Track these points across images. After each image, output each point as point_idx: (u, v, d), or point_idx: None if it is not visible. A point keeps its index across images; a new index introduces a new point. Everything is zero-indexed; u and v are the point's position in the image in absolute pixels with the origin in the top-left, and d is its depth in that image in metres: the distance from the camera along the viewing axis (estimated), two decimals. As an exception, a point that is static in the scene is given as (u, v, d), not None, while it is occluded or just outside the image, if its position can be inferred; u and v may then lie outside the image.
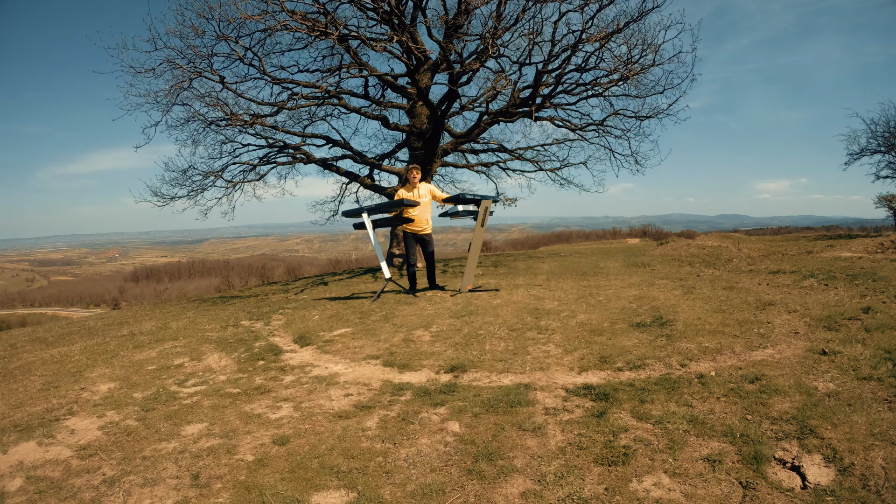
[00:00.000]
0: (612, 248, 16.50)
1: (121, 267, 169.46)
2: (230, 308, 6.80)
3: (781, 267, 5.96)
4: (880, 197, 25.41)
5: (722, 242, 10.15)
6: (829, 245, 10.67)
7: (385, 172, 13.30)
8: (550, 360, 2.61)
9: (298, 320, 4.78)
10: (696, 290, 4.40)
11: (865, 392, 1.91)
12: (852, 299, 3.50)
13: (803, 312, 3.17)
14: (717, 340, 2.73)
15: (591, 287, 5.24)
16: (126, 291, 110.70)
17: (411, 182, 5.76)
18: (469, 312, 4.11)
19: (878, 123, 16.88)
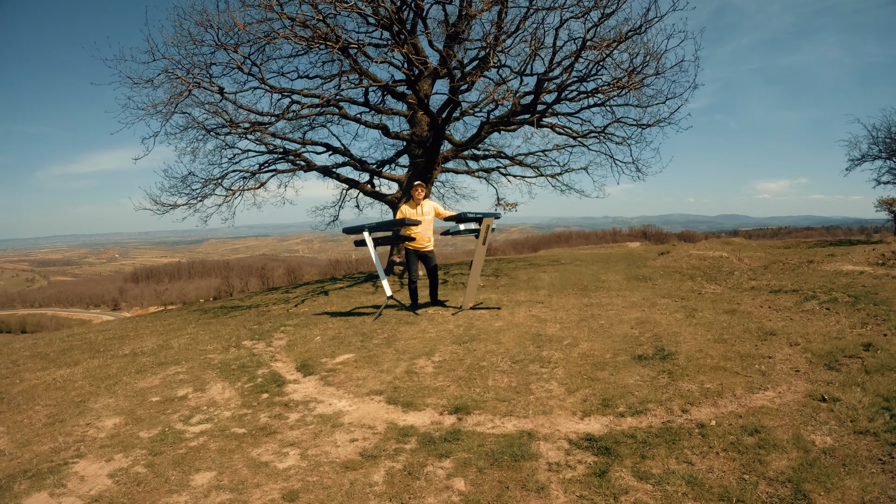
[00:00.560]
0: (613, 253, 16.51)
1: (121, 267, 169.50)
2: (231, 322, 6.81)
3: (783, 284, 5.97)
4: (881, 200, 25.43)
5: (723, 252, 10.16)
6: (830, 254, 10.66)
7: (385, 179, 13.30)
8: (553, 403, 2.63)
9: (300, 342, 4.79)
10: (697, 314, 4.42)
11: (861, 449, 1.92)
12: (853, 329, 3.51)
13: (805, 346, 3.18)
14: (718, 380, 2.74)
15: (592, 307, 5.25)
16: (126, 292, 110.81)
17: (415, 199, 5.78)
18: (471, 338, 4.13)
19: (880, 129, 16.90)
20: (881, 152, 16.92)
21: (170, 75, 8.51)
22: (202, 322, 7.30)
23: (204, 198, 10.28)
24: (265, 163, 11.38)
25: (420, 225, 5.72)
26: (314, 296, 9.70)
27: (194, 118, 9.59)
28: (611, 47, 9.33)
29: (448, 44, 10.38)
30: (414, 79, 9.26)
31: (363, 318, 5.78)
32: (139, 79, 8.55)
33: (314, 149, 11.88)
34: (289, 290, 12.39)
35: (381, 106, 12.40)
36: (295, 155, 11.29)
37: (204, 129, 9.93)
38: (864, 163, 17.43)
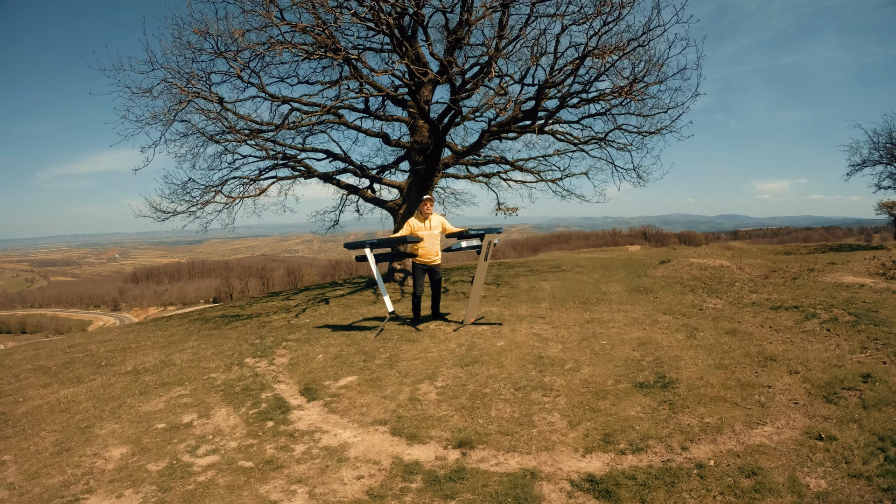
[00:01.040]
0: (614, 258, 16.53)
1: (121, 267, 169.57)
2: (233, 335, 6.83)
3: (783, 298, 6.00)
4: (881, 203, 25.52)
5: (724, 261, 10.19)
6: (831, 262, 10.70)
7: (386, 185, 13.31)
8: (555, 438, 2.65)
9: (302, 360, 4.82)
10: (698, 334, 4.45)
11: (853, 494, 1.95)
12: (853, 355, 3.54)
13: (804, 374, 3.21)
14: (718, 413, 2.77)
15: (594, 323, 5.28)
16: (126, 292, 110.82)
17: (424, 213, 5.81)
18: (473, 360, 4.16)
19: (881, 134, 16.96)
20: (882, 157, 16.97)
21: (169, 85, 8.52)
22: (203, 334, 7.33)
23: (204, 204, 10.29)
24: (266, 168, 11.37)
25: (422, 241, 5.76)
26: (315, 304, 9.73)
27: (194, 125, 9.59)
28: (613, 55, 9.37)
29: (448, 51, 10.41)
30: (415, 88, 9.28)
31: (365, 332, 5.80)
32: (138, 88, 8.56)
33: (315, 155, 11.90)
34: (289, 296, 12.42)
35: (381, 113, 12.43)
36: (295, 161, 11.29)
37: (204, 135, 9.95)
38: (865, 168, 17.50)
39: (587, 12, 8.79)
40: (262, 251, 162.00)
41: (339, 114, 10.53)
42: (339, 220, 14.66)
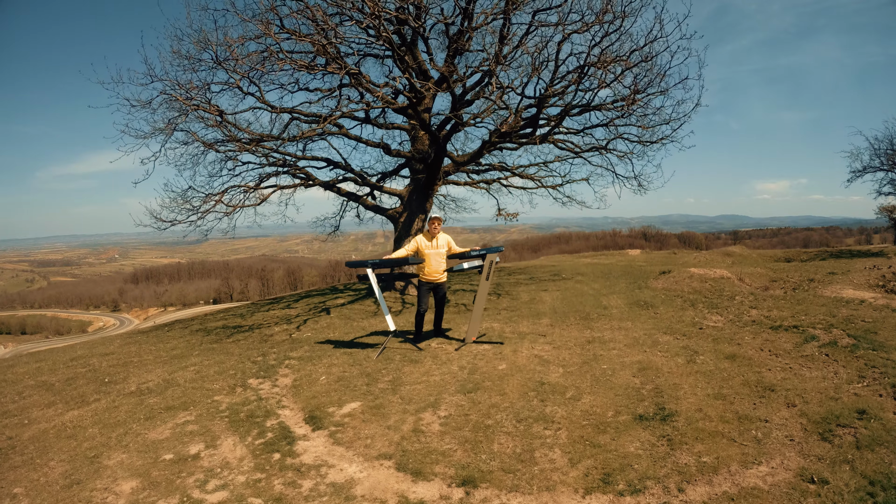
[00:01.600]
0: (614, 265, 16.57)
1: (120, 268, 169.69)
2: (235, 350, 6.86)
3: (783, 316, 6.04)
4: (881, 207, 25.61)
5: (724, 271, 10.22)
6: (831, 272, 10.73)
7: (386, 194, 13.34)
8: (556, 477, 2.70)
9: (305, 382, 4.86)
10: (698, 359, 4.49)
11: None
12: (850, 385, 3.58)
13: (801, 408, 3.25)
14: (715, 451, 2.81)
15: (594, 343, 5.32)
16: (126, 293, 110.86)
17: (432, 232, 5.86)
18: (475, 386, 4.20)
19: (882, 140, 17.04)
20: (883, 164, 17.03)
21: (168, 97, 8.56)
22: (206, 348, 7.36)
23: (205, 214, 10.29)
24: (266, 175, 11.38)
25: (428, 260, 5.81)
26: (316, 315, 9.76)
27: (193, 133, 9.59)
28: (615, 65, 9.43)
29: (449, 58, 10.46)
30: (416, 101, 9.32)
31: (367, 351, 5.84)
32: (137, 101, 8.59)
33: (315, 163, 11.94)
34: (290, 303, 12.45)
35: (381, 121, 12.46)
36: (296, 168, 11.30)
37: (204, 144, 9.98)
38: (866, 174, 17.56)
39: (588, 20, 8.85)
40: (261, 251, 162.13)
41: (339, 124, 10.57)
42: (339, 225, 14.73)
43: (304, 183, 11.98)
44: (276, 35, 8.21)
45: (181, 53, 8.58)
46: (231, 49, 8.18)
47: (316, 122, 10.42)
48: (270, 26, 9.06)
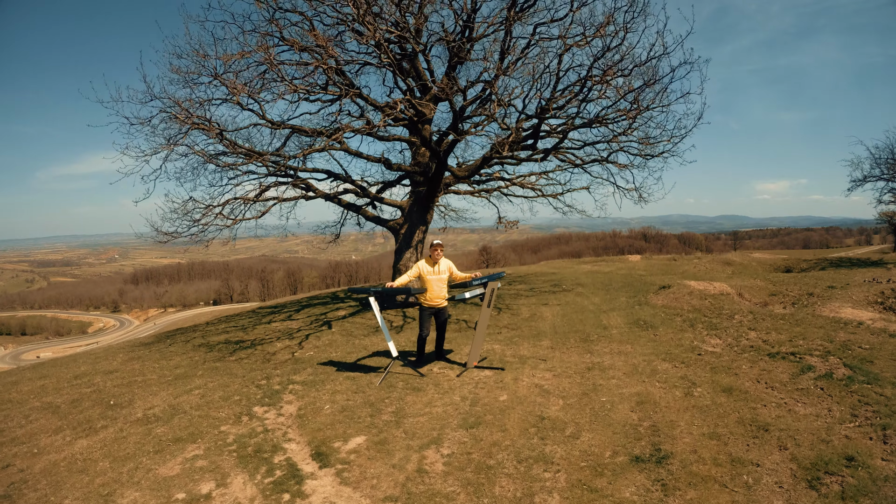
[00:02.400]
0: (614, 273, 16.62)
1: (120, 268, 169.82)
2: (238, 371, 6.93)
3: (780, 340, 6.11)
4: (881, 213, 25.71)
5: (724, 284, 10.30)
6: (830, 286, 10.78)
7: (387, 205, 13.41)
8: (559, 529, 2.77)
9: (310, 411, 4.93)
10: (696, 391, 4.56)
11: None
12: (842, 425, 3.65)
13: (793, 451, 3.33)
14: (706, 500, 2.89)
15: (594, 371, 5.40)
16: (126, 294, 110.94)
17: (434, 258, 5.93)
18: (477, 420, 4.27)
19: (882, 149, 17.15)
20: (883, 173, 17.12)
21: (167, 115, 8.63)
22: (209, 367, 7.41)
23: (206, 226, 10.32)
24: (267, 186, 11.39)
25: (436, 283, 5.88)
26: (317, 328, 9.83)
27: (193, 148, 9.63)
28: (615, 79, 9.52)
29: (450, 69, 10.54)
30: (417, 120, 9.39)
31: (370, 376, 5.91)
32: (136, 118, 8.65)
33: (316, 175, 12.01)
34: (291, 314, 12.52)
35: (381, 132, 12.54)
36: (297, 179, 11.34)
37: (205, 158, 10.03)
38: (867, 183, 17.64)
39: (589, 34, 8.93)
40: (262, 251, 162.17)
41: (341, 140, 10.64)
42: (339, 233, 14.82)
43: (304, 195, 12.05)
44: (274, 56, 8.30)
45: (180, 69, 8.67)
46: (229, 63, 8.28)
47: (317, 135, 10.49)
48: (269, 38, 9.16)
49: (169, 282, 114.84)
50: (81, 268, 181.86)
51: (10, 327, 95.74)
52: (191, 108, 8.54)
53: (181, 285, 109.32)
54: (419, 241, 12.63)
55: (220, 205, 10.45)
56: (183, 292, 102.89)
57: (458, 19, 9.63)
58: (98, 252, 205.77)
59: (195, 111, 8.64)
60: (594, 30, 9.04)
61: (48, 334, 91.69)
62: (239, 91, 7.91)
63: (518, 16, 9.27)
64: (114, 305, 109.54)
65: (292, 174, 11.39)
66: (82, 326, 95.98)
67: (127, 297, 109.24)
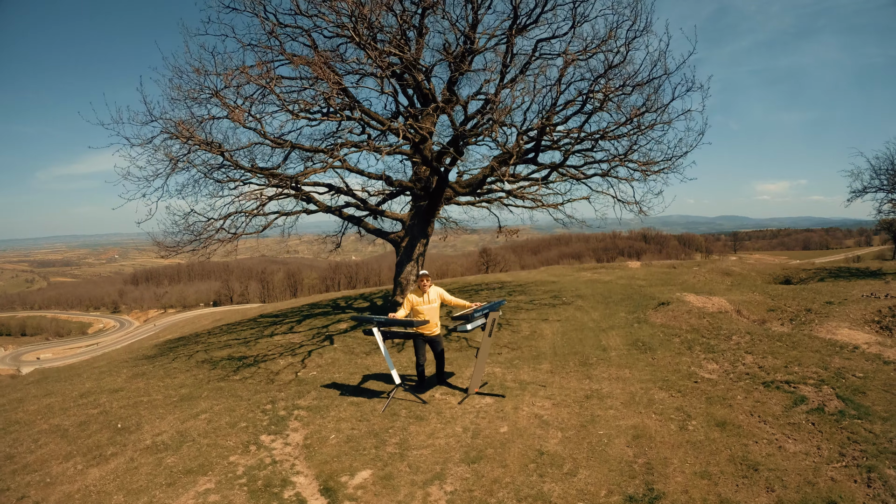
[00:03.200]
0: (613, 283, 16.72)
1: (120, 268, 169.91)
2: (243, 392, 7.04)
3: (776, 366, 6.23)
4: (881, 221, 25.88)
5: (723, 301, 10.43)
6: (828, 301, 10.90)
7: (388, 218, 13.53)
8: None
9: (316, 441, 5.05)
10: (690, 425, 4.69)
11: None
12: (829, 465, 3.79)
13: (779, 493, 3.47)
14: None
15: (592, 400, 5.53)
16: (126, 294, 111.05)
17: (422, 288, 6.05)
18: (478, 455, 4.40)
19: (882, 160, 17.31)
20: (883, 184, 17.26)
21: (169, 135, 8.75)
22: (213, 387, 7.51)
23: (207, 239, 10.40)
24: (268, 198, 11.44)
25: (428, 311, 6.01)
26: (319, 343, 9.94)
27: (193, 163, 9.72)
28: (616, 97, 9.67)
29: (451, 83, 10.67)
30: (419, 141, 9.52)
31: (373, 402, 6.03)
32: (138, 139, 8.77)
33: (316, 189, 12.12)
34: (293, 326, 12.63)
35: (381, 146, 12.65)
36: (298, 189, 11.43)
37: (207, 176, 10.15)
38: (866, 194, 17.78)
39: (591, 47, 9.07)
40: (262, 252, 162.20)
41: (343, 159, 10.76)
42: (340, 243, 14.96)
43: (305, 210, 12.18)
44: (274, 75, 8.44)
45: (181, 87, 8.81)
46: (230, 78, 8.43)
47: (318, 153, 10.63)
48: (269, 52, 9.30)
49: (169, 282, 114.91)
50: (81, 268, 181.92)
51: (10, 328, 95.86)
52: (192, 126, 8.67)
53: (181, 286, 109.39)
54: (420, 255, 12.74)
55: (221, 218, 10.54)
56: (183, 293, 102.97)
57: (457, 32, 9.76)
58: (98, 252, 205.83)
59: (196, 128, 8.78)
60: (596, 43, 9.18)
61: (48, 335, 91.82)
62: (237, 116, 8.05)
63: (520, 31, 9.41)
64: (114, 306, 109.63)
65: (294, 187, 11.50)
66: (82, 327, 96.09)
67: (127, 298, 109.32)
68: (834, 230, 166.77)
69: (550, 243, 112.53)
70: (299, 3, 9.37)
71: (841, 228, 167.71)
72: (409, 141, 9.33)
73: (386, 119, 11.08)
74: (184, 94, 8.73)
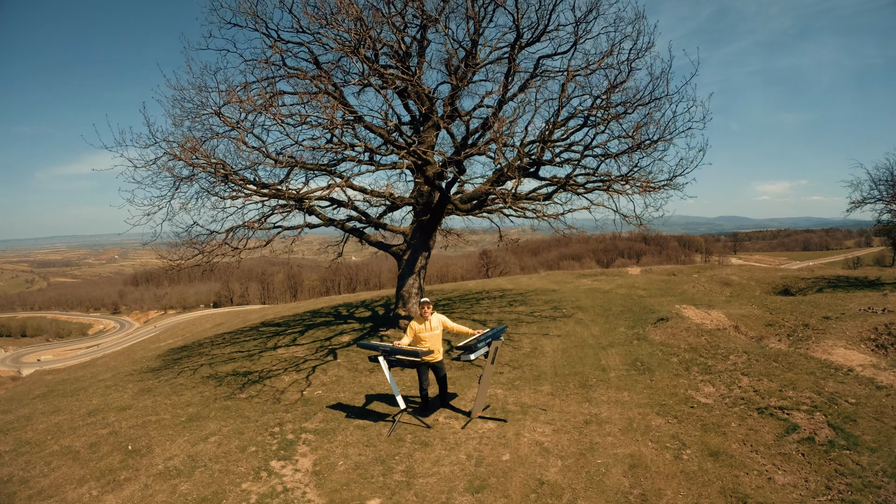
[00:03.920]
0: (613, 293, 16.86)
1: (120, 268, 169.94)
2: (251, 412, 7.19)
3: (771, 390, 6.39)
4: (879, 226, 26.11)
5: (721, 317, 10.62)
6: (825, 316, 11.08)
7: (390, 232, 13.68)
8: None
9: (325, 468, 5.22)
10: (684, 454, 4.87)
11: None
12: (815, 499, 3.96)
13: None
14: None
15: (591, 426, 5.69)
16: (126, 295, 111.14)
17: (424, 316, 6.21)
18: (482, 484, 4.57)
19: (881, 170, 17.56)
20: (883, 195, 17.49)
21: (171, 156, 8.92)
22: (220, 406, 7.64)
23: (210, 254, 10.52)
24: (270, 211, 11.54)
25: (430, 338, 6.18)
26: (323, 359, 10.08)
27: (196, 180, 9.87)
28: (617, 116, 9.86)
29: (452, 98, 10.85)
30: (422, 163, 9.69)
31: (378, 426, 6.19)
32: (141, 161, 8.95)
33: (318, 203, 12.27)
34: (295, 337, 12.78)
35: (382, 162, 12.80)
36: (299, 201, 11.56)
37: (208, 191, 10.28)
38: (866, 205, 18.00)
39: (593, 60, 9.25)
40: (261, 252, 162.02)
41: (345, 177, 10.91)
42: (342, 251, 15.12)
43: (308, 224, 12.32)
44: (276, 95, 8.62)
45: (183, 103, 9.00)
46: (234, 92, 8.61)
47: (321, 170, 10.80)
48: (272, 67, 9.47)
49: (169, 283, 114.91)
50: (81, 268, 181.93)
51: (11, 329, 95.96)
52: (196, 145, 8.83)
53: (181, 287, 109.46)
54: (422, 267, 12.91)
55: (223, 231, 10.66)
56: (183, 294, 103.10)
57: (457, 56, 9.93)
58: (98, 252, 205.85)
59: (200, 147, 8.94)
60: (598, 57, 9.34)
61: (48, 336, 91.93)
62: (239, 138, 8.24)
63: (522, 48, 9.59)
64: (114, 307, 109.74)
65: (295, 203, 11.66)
66: (82, 328, 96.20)
67: (127, 299, 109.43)
68: (834, 231, 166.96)
69: (550, 244, 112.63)
70: (301, 21, 9.54)
71: (841, 229, 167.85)
72: (412, 164, 9.49)
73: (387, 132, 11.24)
74: (186, 113, 8.92)
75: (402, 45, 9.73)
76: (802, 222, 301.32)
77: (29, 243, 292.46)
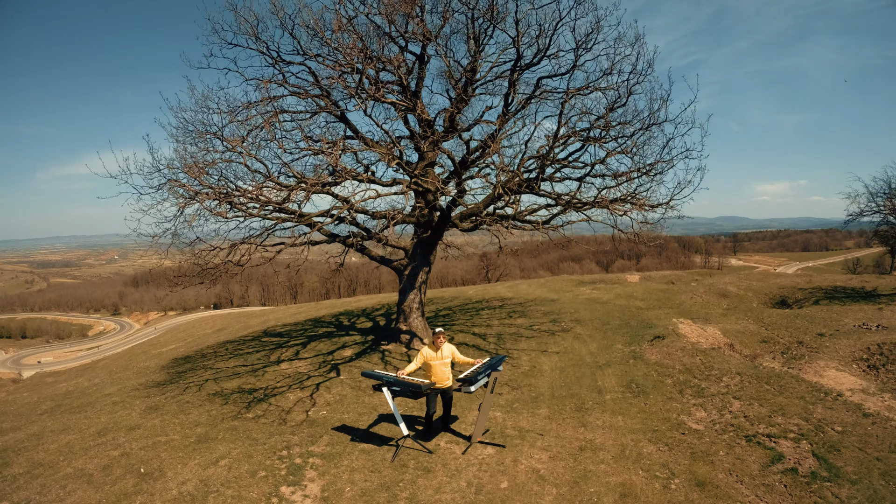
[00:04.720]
0: (612, 304, 17.08)
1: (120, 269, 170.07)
2: (259, 434, 7.41)
3: (760, 416, 6.64)
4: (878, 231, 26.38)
5: (717, 335, 10.86)
6: (820, 333, 11.29)
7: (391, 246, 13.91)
8: None
9: (333, 494, 5.46)
10: (672, 484, 5.12)
11: None
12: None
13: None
14: None
15: (586, 453, 5.94)
16: (126, 296, 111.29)
17: (437, 345, 6.47)
18: (482, 515, 4.82)
19: (879, 181, 17.87)
20: (881, 207, 17.78)
21: (175, 183, 9.17)
22: (227, 427, 7.85)
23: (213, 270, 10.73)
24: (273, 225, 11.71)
25: (440, 367, 6.43)
26: (326, 375, 10.30)
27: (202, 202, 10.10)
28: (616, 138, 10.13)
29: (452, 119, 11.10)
30: (423, 190, 9.93)
31: (382, 451, 6.43)
32: (146, 188, 9.22)
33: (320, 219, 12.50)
34: (298, 350, 13.01)
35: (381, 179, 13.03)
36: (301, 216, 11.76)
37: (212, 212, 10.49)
38: (864, 217, 18.29)
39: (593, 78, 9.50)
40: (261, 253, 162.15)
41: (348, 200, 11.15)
42: (343, 261, 15.34)
43: (311, 241, 12.54)
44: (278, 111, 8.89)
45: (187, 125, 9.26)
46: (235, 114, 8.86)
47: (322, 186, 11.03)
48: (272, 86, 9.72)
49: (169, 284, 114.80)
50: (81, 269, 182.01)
51: (11, 330, 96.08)
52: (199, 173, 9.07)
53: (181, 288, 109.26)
54: (423, 282, 13.16)
55: (226, 247, 10.86)
56: (183, 295, 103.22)
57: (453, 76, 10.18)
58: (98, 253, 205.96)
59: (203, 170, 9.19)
60: (598, 75, 9.57)
61: (48, 337, 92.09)
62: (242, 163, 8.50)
63: (522, 70, 9.83)
64: (114, 308, 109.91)
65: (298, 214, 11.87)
66: (83, 329, 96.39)
67: (127, 300, 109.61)
68: (833, 231, 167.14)
69: (550, 247, 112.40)
70: (301, 44, 9.77)
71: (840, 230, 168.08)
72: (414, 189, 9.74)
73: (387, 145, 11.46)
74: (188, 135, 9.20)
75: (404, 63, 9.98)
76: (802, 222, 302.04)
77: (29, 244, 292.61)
